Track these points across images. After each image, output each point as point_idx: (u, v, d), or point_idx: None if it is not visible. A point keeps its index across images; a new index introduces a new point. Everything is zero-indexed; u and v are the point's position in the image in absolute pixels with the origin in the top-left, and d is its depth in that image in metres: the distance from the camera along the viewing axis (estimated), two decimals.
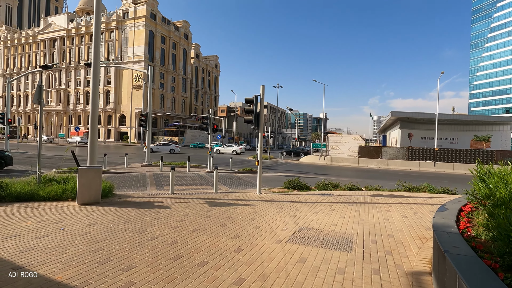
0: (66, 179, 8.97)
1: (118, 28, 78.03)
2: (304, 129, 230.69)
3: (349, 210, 7.96)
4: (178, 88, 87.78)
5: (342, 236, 5.54)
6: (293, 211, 7.68)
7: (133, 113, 72.18)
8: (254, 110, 10.64)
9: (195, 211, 7.24)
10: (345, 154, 34.84)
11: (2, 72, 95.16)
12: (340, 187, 12.44)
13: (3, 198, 7.38)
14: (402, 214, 7.62)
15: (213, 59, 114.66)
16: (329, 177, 17.46)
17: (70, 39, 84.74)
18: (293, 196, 10.14)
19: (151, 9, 76.68)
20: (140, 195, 9.32)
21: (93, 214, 6.55)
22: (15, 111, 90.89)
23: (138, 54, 75.17)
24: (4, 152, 15.09)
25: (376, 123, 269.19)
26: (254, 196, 9.87)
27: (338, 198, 9.76)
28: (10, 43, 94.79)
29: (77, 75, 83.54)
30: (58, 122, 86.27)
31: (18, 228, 5.30)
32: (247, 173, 18.94)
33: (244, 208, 7.87)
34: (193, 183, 12.99)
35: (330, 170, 25.46)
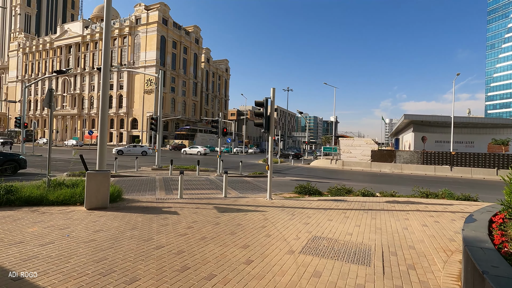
0: (75, 183, 8.93)
1: (131, 33, 79.61)
2: (314, 132, 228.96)
3: (364, 217, 7.57)
4: (189, 92, 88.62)
5: (359, 247, 5.19)
6: (305, 218, 7.35)
7: (145, 117, 73.18)
8: (264, 113, 10.39)
9: (204, 218, 7.01)
10: (357, 158, 34.11)
11: (21, 78, 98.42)
12: (354, 192, 12.01)
13: (12, 202, 7.36)
14: (421, 222, 7.18)
15: (223, 63, 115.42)
16: (341, 182, 16.99)
17: (85, 45, 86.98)
18: (305, 202, 9.80)
19: (162, 15, 77.94)
20: (148, 200, 9.18)
21: (100, 219, 6.41)
22: (32, 115, 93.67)
23: (150, 59, 76.37)
24: (18, 156, 15.32)
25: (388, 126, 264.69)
26: (264, 202, 9.58)
27: (352, 205, 9.36)
28: (28, 50, 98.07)
29: (91, 80, 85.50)
30: (72, 126, 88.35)
31: (24, 234, 5.19)
32: (256, 177, 18.67)
33: (254, 214, 7.60)
34: (202, 188, 12.81)
35: (342, 174, 24.90)
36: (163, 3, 78.83)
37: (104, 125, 8.33)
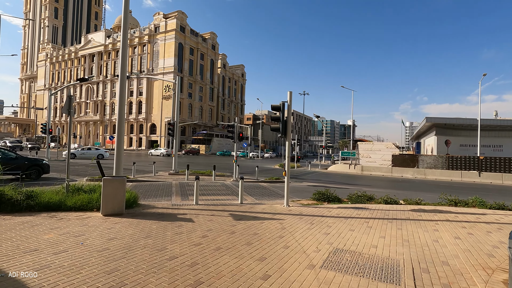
0: (93, 188, 8.99)
1: (150, 41, 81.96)
2: (331, 136, 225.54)
3: (389, 228, 7.08)
4: (206, 97, 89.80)
5: (386, 262, 4.77)
6: (325, 227, 6.97)
7: (163, 122, 74.74)
8: (281, 118, 10.11)
9: (219, 226, 6.79)
10: (377, 163, 32.98)
11: (48, 86, 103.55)
12: (375, 199, 11.43)
13: (32, 208, 7.46)
14: (453, 234, 6.61)
15: (239, 68, 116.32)
16: (361, 188, 16.33)
17: (107, 53, 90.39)
18: (324, 209, 9.38)
19: (180, 23, 79.78)
20: (164, 206, 9.09)
21: (115, 226, 6.34)
22: (57, 121, 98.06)
23: (168, 65, 78.17)
24: (42, 161, 15.82)
25: (408, 129, 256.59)
26: (281, 209, 9.25)
27: (375, 213, 8.85)
28: (55, 59, 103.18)
29: (113, 87, 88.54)
30: (95, 132, 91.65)
31: (39, 241, 5.16)
32: (273, 182, 18.33)
33: (271, 223, 7.30)
34: (218, 193, 12.64)
35: (361, 179, 24.06)
36: (180, 11, 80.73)
37: (121, 132, 8.35)
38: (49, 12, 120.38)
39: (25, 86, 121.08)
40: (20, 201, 7.34)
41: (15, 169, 13.93)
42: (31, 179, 14.33)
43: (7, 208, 7.22)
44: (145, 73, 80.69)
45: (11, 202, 7.28)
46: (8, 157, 14.27)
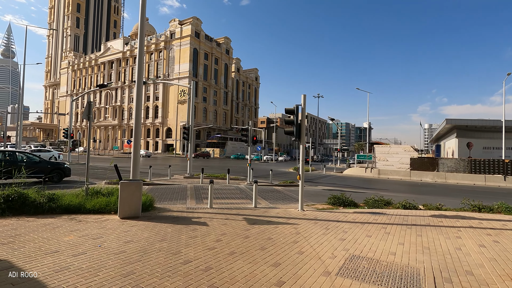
0: (111, 191, 9.22)
1: (166, 48, 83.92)
2: (347, 139, 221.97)
3: (408, 234, 6.84)
4: (220, 101, 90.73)
5: (406, 271, 4.59)
6: (340, 233, 6.82)
7: (178, 126, 76.05)
8: (295, 121, 10.04)
9: (233, 230, 6.78)
10: (395, 166, 32.10)
11: (70, 93, 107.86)
12: (393, 204, 11.09)
13: (54, 210, 7.73)
14: (478, 242, 6.30)
15: (253, 72, 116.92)
16: (378, 192, 15.94)
17: (125, 60, 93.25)
18: (339, 214, 9.19)
19: (195, 29, 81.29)
20: (179, 209, 9.19)
21: (131, 229, 6.46)
22: (78, 126, 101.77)
23: (183, 70, 79.67)
24: (63, 164, 16.42)
25: (427, 132, 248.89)
26: (296, 213, 9.14)
27: (393, 219, 8.58)
28: (76, 67, 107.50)
29: (130, 93, 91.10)
30: (113, 136, 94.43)
31: (60, 243, 5.33)
32: (287, 186, 18.19)
33: (285, 227, 7.22)
34: (232, 197, 12.67)
35: (378, 183, 23.47)
36: (195, 17, 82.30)
37: (137, 137, 8.54)
38: (71, 22, 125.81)
39: (49, 92, 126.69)
40: (43, 204, 7.63)
41: (39, 172, 14.53)
42: (53, 182, 14.89)
43: (30, 210, 7.52)
44: (161, 78, 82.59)
45: (34, 205, 7.58)
46: (32, 160, 14.91)
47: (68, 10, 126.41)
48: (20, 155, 14.88)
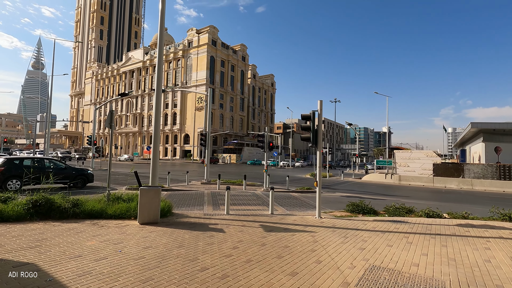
0: (131, 197, 9.48)
1: (184, 56, 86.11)
2: (365, 144, 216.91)
3: (432, 244, 6.54)
4: (236, 107, 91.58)
5: (430, 283, 4.39)
6: (360, 242, 6.63)
7: (196, 132, 77.35)
8: (311, 127, 9.95)
9: (249, 237, 6.76)
10: (416, 172, 30.94)
11: (93, 101, 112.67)
12: (415, 212, 10.67)
13: (77, 215, 8.03)
14: (509, 254, 5.92)
15: (269, 78, 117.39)
16: (399, 199, 15.42)
17: (145, 69, 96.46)
18: (358, 222, 8.95)
19: (212, 37, 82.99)
20: (196, 215, 9.29)
21: (150, 235, 6.59)
22: (101, 133, 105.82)
23: (201, 78, 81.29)
24: (87, 170, 17.09)
25: (451, 136, 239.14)
26: (313, 221, 8.99)
27: (415, 228, 8.24)
28: (100, 76, 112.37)
29: (150, 100, 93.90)
30: (134, 142, 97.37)
31: (83, 247, 5.52)
32: (304, 192, 17.96)
33: (302, 235, 7.11)
34: (249, 203, 12.66)
35: (399, 190, 22.69)
36: (212, 26, 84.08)
37: (156, 144, 8.76)
38: (95, 34, 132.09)
39: (74, 101, 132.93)
40: (67, 209, 7.95)
41: (64, 178, 15.22)
42: (77, 187, 15.50)
43: (56, 215, 7.86)
44: (179, 86, 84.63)
45: (60, 210, 7.91)
46: (58, 167, 15.62)
47: (93, 23, 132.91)
48: (47, 162, 15.63)
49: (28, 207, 7.63)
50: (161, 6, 9.06)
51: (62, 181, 15.13)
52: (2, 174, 13.48)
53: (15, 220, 7.35)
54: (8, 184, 13.55)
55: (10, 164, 14.02)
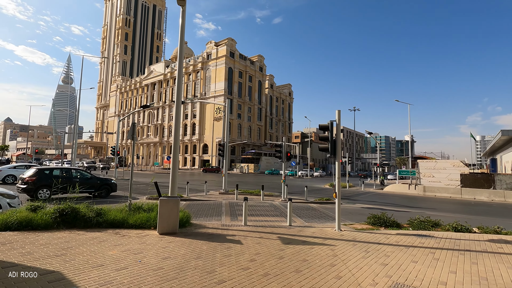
0: (151, 207, 9.69)
1: (203, 68, 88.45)
2: (387, 153, 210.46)
3: (460, 261, 6.16)
4: (254, 117, 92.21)
5: None
6: (382, 257, 6.36)
7: (214, 142, 78.43)
8: (329, 137, 9.82)
9: (267, 249, 6.68)
10: (442, 183, 29.52)
11: (117, 113, 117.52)
12: (442, 226, 10.14)
13: (100, 224, 8.30)
14: None
15: (286, 87, 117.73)
16: (423, 212, 14.77)
17: (166, 81, 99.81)
18: (380, 235, 8.62)
19: (230, 49, 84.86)
20: (214, 226, 9.33)
21: (169, 246, 6.67)
22: (124, 144, 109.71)
23: (219, 89, 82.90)
24: (110, 180, 17.69)
25: (479, 144, 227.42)
26: (332, 234, 8.76)
27: (442, 243, 7.82)
28: (123, 89, 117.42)
29: (170, 111, 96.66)
30: (154, 152, 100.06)
31: (105, 256, 5.68)
32: (323, 203, 17.59)
33: (321, 248, 6.93)
34: (266, 214, 12.56)
35: (423, 202, 21.70)
36: (230, 38, 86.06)
37: (176, 155, 8.95)
38: (120, 50, 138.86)
39: (99, 113, 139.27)
40: (91, 218, 8.24)
41: (90, 188, 15.89)
42: (101, 197, 16.06)
43: (81, 224, 8.16)
44: (198, 97, 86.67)
45: (84, 219, 8.22)
46: (84, 177, 16.31)
47: (118, 39, 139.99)
48: (74, 172, 16.36)
49: (55, 216, 7.98)
50: (181, 21, 9.41)
51: (88, 190, 15.79)
52: (33, 183, 14.25)
53: (43, 228, 7.70)
54: (39, 193, 14.27)
55: (41, 174, 14.80)
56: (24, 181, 14.35)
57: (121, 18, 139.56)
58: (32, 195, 14.15)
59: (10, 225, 7.41)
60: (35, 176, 14.55)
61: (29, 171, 15.07)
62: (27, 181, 14.29)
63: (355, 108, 60.27)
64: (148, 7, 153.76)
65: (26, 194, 14.31)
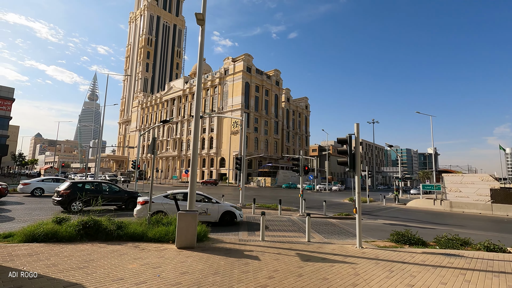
0: (169, 221, 9.78)
1: (220, 83, 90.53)
2: (409, 167, 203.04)
3: (495, 284, 5.73)
4: (271, 130, 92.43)
5: None
6: (407, 277, 6.03)
7: (231, 156, 78.95)
8: (348, 151, 9.65)
9: (286, 266, 6.52)
10: (470, 198, 27.94)
11: (138, 128, 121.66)
12: (472, 245, 9.54)
13: (121, 237, 8.46)
14: None
15: (303, 101, 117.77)
16: (451, 229, 13.99)
17: (185, 97, 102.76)
18: (405, 254, 8.20)
19: (246, 64, 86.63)
20: (231, 240, 9.26)
21: (187, 260, 6.67)
22: (144, 157, 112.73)
23: (236, 103, 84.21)
24: (137, 193, 18.13)
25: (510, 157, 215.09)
26: (353, 251, 8.44)
27: (473, 263, 7.32)
28: (144, 105, 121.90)
29: (189, 126, 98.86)
30: (173, 166, 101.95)
31: (125, 270, 5.75)
32: (343, 219, 17.08)
33: (342, 267, 6.68)
34: (284, 229, 12.33)
35: (450, 218, 20.56)
36: (247, 54, 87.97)
37: (194, 170, 9.09)
38: (142, 67, 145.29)
39: (122, 128, 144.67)
40: (112, 231, 8.43)
41: (118, 201, 16.59)
42: (128, 209, 16.52)
43: (102, 237, 8.35)
44: (215, 112, 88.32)
45: (106, 232, 8.41)
46: (113, 190, 16.89)
47: (140, 57, 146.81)
48: (104, 185, 16.96)
49: (78, 228, 8.23)
50: (200, 39, 9.77)
51: (116, 203, 16.47)
52: (68, 196, 14.89)
53: (67, 240, 7.94)
54: (72, 205, 14.83)
55: (74, 188, 15.51)
56: (60, 194, 15.06)
57: (143, 38, 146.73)
58: (66, 207, 14.76)
59: (37, 237, 7.71)
60: (69, 189, 15.23)
61: (63, 185, 15.85)
62: (62, 194, 14.99)
63: (374, 120, 59.11)
64: (169, 27, 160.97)
65: (60, 206, 14.97)
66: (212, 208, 12.79)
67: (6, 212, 13.82)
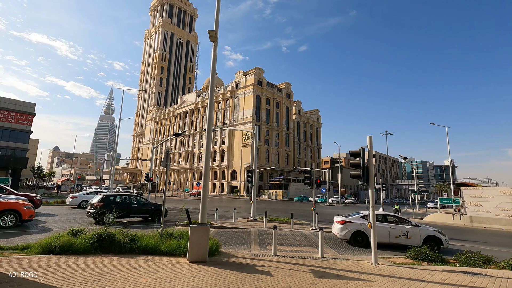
0: (181, 234, 9.80)
1: (232, 96, 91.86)
2: (425, 179, 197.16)
3: None
4: (282, 143, 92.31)
5: None
6: None
7: (243, 168, 78.95)
8: (361, 164, 9.51)
9: (299, 283, 6.37)
10: (492, 213, 26.73)
11: (151, 141, 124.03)
12: (496, 263, 9.07)
13: (133, 250, 8.52)
14: None
15: (314, 113, 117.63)
16: (472, 245, 13.42)
17: (197, 110, 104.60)
18: (424, 272, 7.88)
19: (258, 77, 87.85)
20: (243, 255, 9.15)
21: (198, 275, 6.63)
22: (157, 170, 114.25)
23: (247, 116, 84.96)
24: (162, 206, 18.31)
25: None
26: (369, 268, 8.18)
27: (498, 283, 6.95)
28: (158, 118, 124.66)
29: (201, 139, 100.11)
30: (185, 178, 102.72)
31: (137, 284, 5.76)
32: None
33: (357, 284, 6.47)
34: (297, 244, 12.11)
35: (471, 234, 19.69)
36: (258, 67, 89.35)
37: (206, 184, 9.14)
38: (156, 82, 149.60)
39: (136, 141, 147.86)
40: (126, 244, 8.51)
41: (145, 213, 17.02)
42: (154, 221, 16.77)
43: (116, 249, 8.43)
44: (227, 125, 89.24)
45: (119, 244, 8.50)
46: (141, 203, 17.26)
47: (154, 72, 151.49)
48: (133, 198, 17.30)
49: (93, 241, 8.36)
50: (213, 54, 10.04)
51: (143, 215, 16.87)
52: (101, 208, 15.25)
53: (82, 252, 8.06)
54: (105, 217, 15.12)
55: (107, 200, 15.95)
56: (93, 206, 15.47)
57: (158, 53, 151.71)
58: (99, 219, 15.11)
59: (53, 249, 7.86)
60: (102, 202, 15.67)
61: (96, 197, 16.30)
62: (95, 206, 15.39)
63: (387, 132, 58.25)
64: (182, 43, 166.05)
65: (93, 218, 15.34)
66: (413, 231, 12.09)
67: (42, 223, 14.55)
